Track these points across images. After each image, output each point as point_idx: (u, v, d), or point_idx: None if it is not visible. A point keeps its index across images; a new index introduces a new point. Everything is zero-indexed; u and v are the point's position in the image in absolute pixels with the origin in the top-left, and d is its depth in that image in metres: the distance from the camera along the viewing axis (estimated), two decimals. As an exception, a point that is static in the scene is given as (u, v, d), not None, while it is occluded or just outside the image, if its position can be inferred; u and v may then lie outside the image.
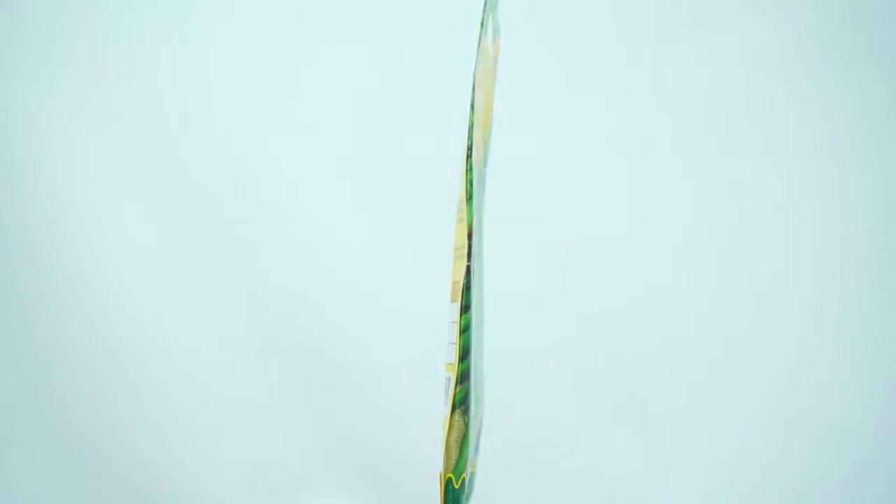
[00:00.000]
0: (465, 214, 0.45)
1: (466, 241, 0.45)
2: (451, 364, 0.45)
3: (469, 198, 0.45)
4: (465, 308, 0.45)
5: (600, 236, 0.79)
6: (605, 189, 0.79)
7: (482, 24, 0.46)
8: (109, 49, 0.76)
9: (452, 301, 0.47)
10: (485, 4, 0.47)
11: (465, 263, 0.45)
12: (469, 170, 0.45)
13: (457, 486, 0.44)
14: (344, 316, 0.79)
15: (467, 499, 0.46)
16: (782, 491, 0.73)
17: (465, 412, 0.45)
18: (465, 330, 0.45)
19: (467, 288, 0.45)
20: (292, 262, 0.79)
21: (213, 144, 0.77)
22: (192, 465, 0.75)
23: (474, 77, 0.46)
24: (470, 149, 0.45)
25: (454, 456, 0.45)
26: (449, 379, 0.50)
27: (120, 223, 0.76)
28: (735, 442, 0.74)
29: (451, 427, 0.45)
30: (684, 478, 0.76)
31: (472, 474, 0.47)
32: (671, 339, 0.76)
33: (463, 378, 0.45)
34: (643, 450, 0.75)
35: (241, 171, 0.78)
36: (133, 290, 0.76)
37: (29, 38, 0.76)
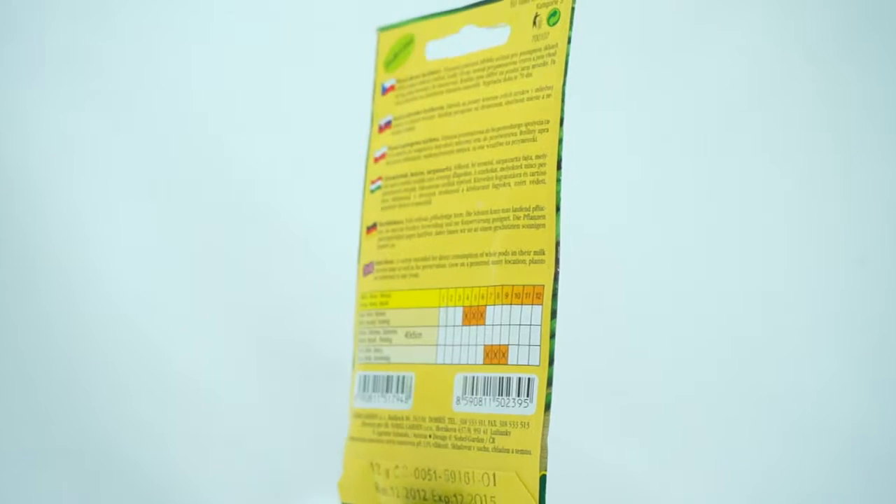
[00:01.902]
0: (550, 222, 0.47)
1: (554, 249, 0.47)
2: (535, 366, 0.47)
3: (558, 208, 0.47)
4: (554, 314, 0.47)
5: (601, 235, 0.78)
6: (608, 189, 0.79)
7: (569, 40, 0.48)
8: (109, 49, 0.75)
9: (501, 303, 0.48)
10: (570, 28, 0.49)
11: (551, 270, 0.47)
12: (559, 181, 0.47)
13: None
14: (343, 315, 0.73)
15: None
16: (784, 492, 0.73)
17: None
18: (552, 335, 0.47)
19: (555, 294, 0.47)
20: (293, 261, 0.72)
21: (213, 144, 0.74)
22: (190, 465, 0.73)
23: (563, 93, 0.48)
24: (560, 161, 0.47)
25: (546, 454, 0.46)
26: (375, 377, 0.52)
27: (120, 223, 0.74)
28: (737, 443, 0.73)
29: (544, 426, 0.46)
30: (686, 478, 0.75)
31: None
32: (672, 340, 0.76)
33: (550, 382, 0.47)
34: (645, 450, 0.75)
35: (241, 171, 0.75)
36: (132, 289, 0.74)
37: (28, 38, 0.75)
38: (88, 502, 0.74)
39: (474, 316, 0.49)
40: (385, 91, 0.56)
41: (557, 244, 0.47)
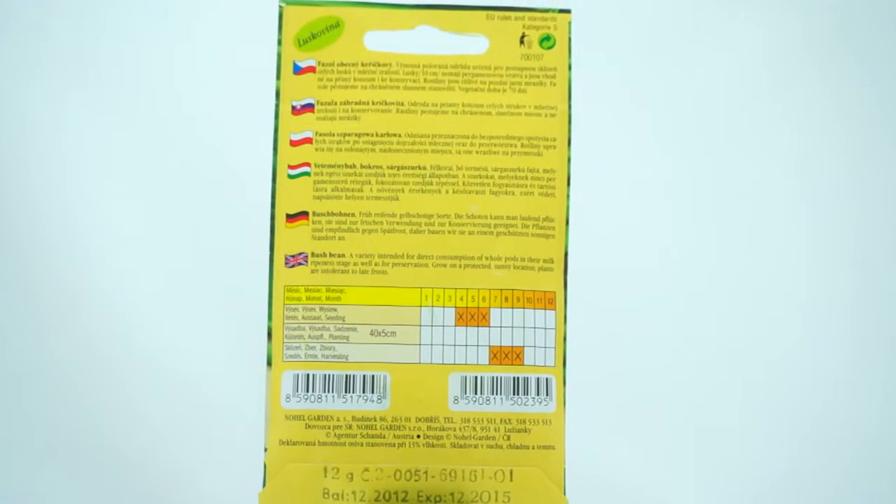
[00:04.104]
0: (560, 234, 0.51)
1: (563, 258, 0.51)
2: (551, 367, 0.50)
3: (567, 221, 0.51)
4: (565, 318, 0.51)
5: (600, 236, 0.63)
6: (607, 189, 0.63)
7: (570, 66, 0.52)
8: (108, 48, 0.71)
9: (509, 306, 0.51)
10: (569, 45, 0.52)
11: (561, 277, 0.51)
12: (568, 196, 0.51)
13: None
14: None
15: None
16: (782, 492, 0.72)
17: (561, 410, 0.51)
18: (564, 338, 0.51)
19: (566, 300, 0.51)
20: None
21: (212, 143, 0.65)
22: (192, 464, 0.65)
23: (570, 115, 0.52)
24: (569, 178, 0.51)
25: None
26: (326, 376, 0.52)
27: (120, 222, 0.69)
28: (734, 442, 0.72)
29: (564, 423, 0.50)
30: (683, 478, 0.65)
31: None
32: (669, 339, 0.72)
33: (564, 382, 0.50)
34: (641, 450, 0.64)
35: (240, 169, 0.62)
36: (132, 288, 0.68)
37: (28, 38, 0.73)
38: (90, 500, 0.69)
39: (473, 317, 0.50)
40: (300, 71, 0.52)
41: (566, 254, 0.51)
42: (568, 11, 0.52)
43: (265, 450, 0.50)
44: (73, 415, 0.68)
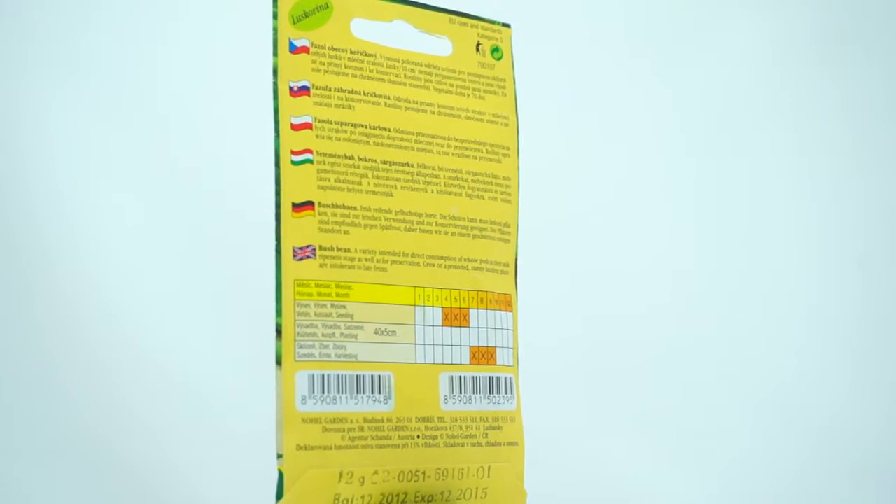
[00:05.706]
0: (513, 239, 0.54)
1: (514, 262, 0.54)
2: (511, 367, 0.53)
3: (517, 227, 0.54)
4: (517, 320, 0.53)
5: (602, 236, 0.77)
6: (609, 190, 0.77)
7: (514, 79, 0.54)
8: (108, 49, 0.72)
9: (484, 308, 0.52)
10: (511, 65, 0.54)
11: (512, 280, 0.53)
12: (518, 203, 0.54)
13: None
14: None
15: None
16: (782, 491, 0.73)
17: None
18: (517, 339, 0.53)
19: (517, 303, 0.54)
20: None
21: (213, 143, 0.67)
22: (194, 465, 0.67)
23: (518, 127, 0.54)
24: (518, 186, 0.54)
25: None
26: (340, 377, 0.51)
27: (121, 221, 0.70)
28: (736, 442, 0.72)
29: (522, 420, 0.53)
30: (685, 478, 0.73)
31: None
32: (672, 340, 0.75)
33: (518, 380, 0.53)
34: (644, 450, 0.74)
35: (241, 169, 0.64)
36: (134, 288, 0.69)
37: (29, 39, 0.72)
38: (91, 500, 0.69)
39: (456, 317, 0.51)
40: (296, 50, 0.48)
41: (516, 259, 0.54)
42: (509, 26, 0.55)
43: (279, 456, 0.46)
44: (74, 419, 0.59)
